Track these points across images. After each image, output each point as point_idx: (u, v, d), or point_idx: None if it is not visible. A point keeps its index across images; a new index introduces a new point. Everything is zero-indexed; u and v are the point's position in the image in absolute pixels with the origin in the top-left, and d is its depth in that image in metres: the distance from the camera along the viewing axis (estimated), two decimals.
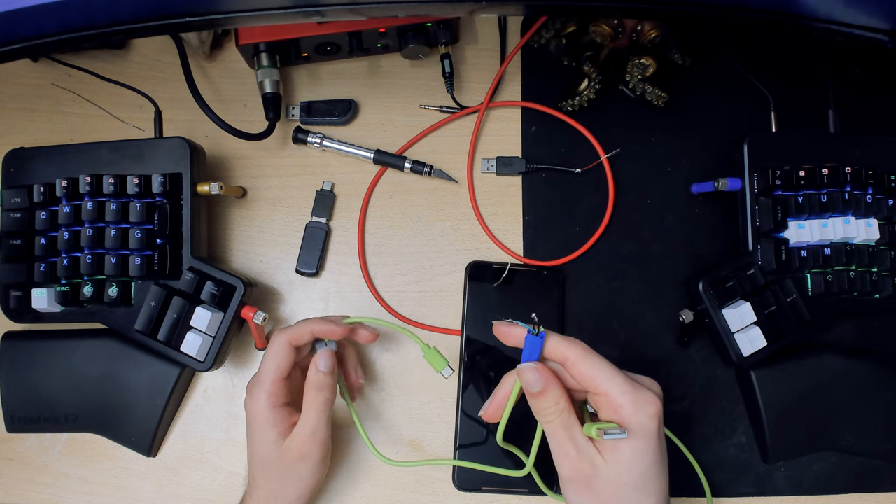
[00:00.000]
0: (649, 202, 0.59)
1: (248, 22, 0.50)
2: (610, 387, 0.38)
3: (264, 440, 0.47)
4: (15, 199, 0.55)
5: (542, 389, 0.39)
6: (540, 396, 0.39)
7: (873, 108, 0.60)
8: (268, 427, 0.46)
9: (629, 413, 0.38)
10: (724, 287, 0.52)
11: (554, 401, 0.39)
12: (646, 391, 0.38)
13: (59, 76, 0.62)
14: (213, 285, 0.52)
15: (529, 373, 0.39)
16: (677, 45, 0.58)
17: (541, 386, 0.39)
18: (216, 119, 0.55)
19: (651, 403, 0.38)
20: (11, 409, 0.56)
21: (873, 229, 0.53)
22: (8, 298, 0.55)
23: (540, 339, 0.39)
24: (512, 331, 0.41)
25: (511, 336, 0.41)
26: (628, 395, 0.38)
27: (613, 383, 0.38)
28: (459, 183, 0.60)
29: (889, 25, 0.43)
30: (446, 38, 0.58)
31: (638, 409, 0.38)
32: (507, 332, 0.41)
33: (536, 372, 0.39)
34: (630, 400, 0.38)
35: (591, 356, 0.39)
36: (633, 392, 0.38)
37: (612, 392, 0.38)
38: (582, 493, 0.39)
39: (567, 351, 0.39)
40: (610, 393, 0.38)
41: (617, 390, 0.38)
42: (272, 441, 0.46)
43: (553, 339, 0.40)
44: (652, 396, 0.38)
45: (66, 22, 0.44)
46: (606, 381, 0.38)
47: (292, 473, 0.47)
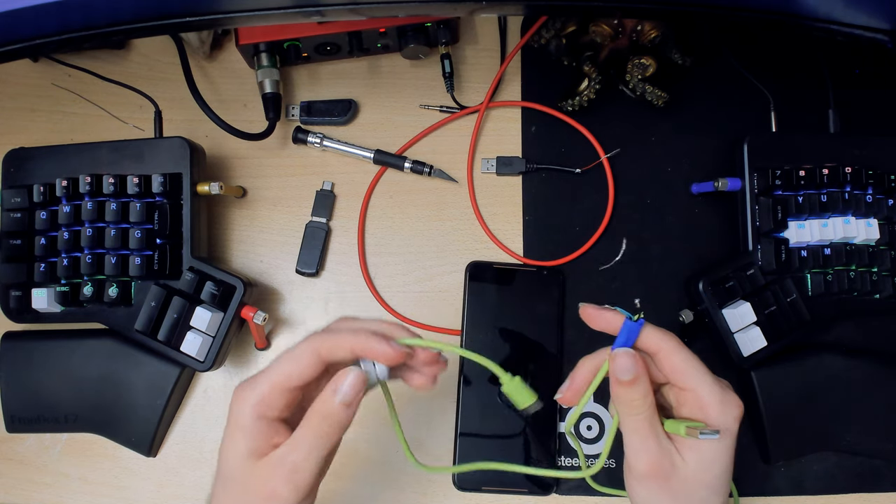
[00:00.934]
0: (649, 202, 0.59)
1: (248, 22, 0.50)
2: (699, 384, 0.37)
3: (233, 451, 0.37)
4: (15, 199, 0.55)
5: (634, 378, 0.36)
6: (630, 386, 0.37)
7: (873, 108, 0.60)
8: (242, 437, 0.36)
9: (716, 413, 0.36)
10: (724, 287, 0.52)
11: (643, 392, 0.37)
12: (731, 392, 0.37)
13: (59, 76, 0.62)
14: (213, 285, 0.52)
15: (625, 358, 0.37)
16: (677, 45, 0.58)
17: (633, 374, 0.36)
18: (216, 119, 0.55)
19: (737, 406, 0.37)
20: (11, 409, 0.56)
21: (873, 229, 0.53)
22: (8, 298, 0.55)
23: (638, 326, 0.37)
24: (603, 314, 0.39)
25: (600, 319, 0.39)
26: (716, 395, 0.37)
27: (703, 381, 0.37)
28: (459, 183, 0.60)
29: (889, 25, 0.43)
30: (446, 38, 0.58)
31: (724, 410, 0.37)
32: (596, 314, 0.39)
33: (632, 359, 0.37)
34: (718, 400, 0.37)
35: (684, 350, 0.38)
36: (721, 392, 0.37)
37: (700, 390, 0.37)
38: (656, 490, 0.38)
39: (661, 341, 0.37)
40: (698, 391, 0.37)
41: (706, 389, 0.37)
42: (241, 456, 0.36)
43: (649, 328, 0.38)
44: (737, 399, 0.37)
45: (66, 22, 0.44)
46: (696, 378, 0.37)
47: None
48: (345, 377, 0.36)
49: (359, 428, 0.56)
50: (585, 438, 0.55)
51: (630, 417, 0.38)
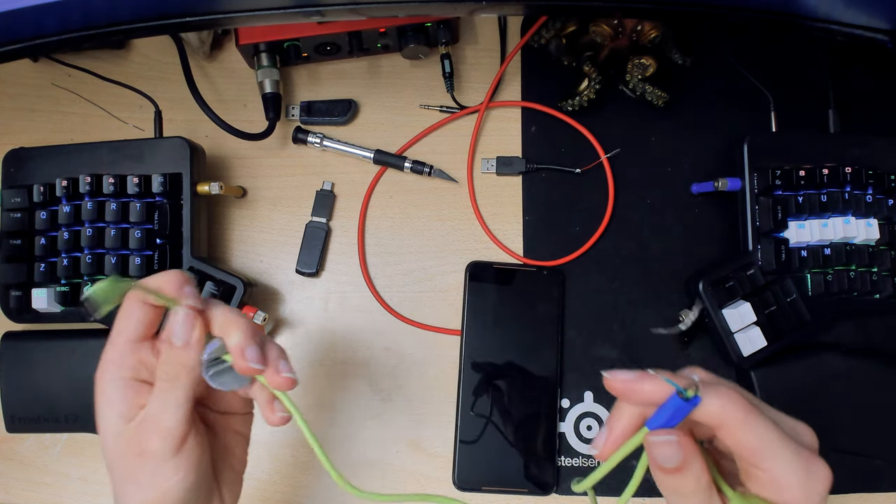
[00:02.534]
0: (649, 202, 0.59)
1: (248, 22, 0.50)
2: (777, 462, 0.29)
3: (104, 423, 0.35)
4: (15, 199, 0.55)
5: (681, 466, 0.29)
6: (677, 474, 0.29)
7: (873, 108, 0.60)
8: (107, 406, 0.35)
9: (798, 497, 0.29)
10: (724, 287, 0.52)
11: (695, 479, 0.29)
12: (817, 462, 0.29)
13: (59, 76, 0.62)
14: (213, 285, 0.52)
15: (667, 448, 0.29)
16: (677, 45, 0.58)
17: (679, 462, 0.29)
18: (216, 119, 0.55)
19: (822, 480, 0.29)
20: (11, 409, 0.56)
21: (873, 229, 0.53)
22: (8, 298, 0.55)
23: (691, 406, 0.29)
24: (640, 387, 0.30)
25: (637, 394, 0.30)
26: (799, 475, 0.29)
27: (781, 459, 0.29)
28: (459, 183, 0.60)
29: (889, 25, 0.43)
30: (446, 38, 0.58)
31: (810, 491, 0.29)
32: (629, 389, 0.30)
33: (677, 447, 0.29)
34: (801, 480, 0.29)
35: (754, 419, 0.29)
36: (805, 469, 0.29)
37: (779, 470, 0.29)
38: None
39: (723, 415, 0.29)
40: (776, 471, 0.29)
41: (786, 468, 0.29)
42: (112, 425, 0.34)
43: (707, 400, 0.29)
44: (823, 469, 0.29)
45: (66, 22, 0.44)
46: (772, 456, 0.29)
47: (135, 474, 0.35)
48: (174, 316, 0.34)
49: (357, 428, 0.56)
50: (585, 438, 0.55)
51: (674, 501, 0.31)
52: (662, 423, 0.29)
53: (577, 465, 0.55)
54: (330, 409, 0.57)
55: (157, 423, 0.34)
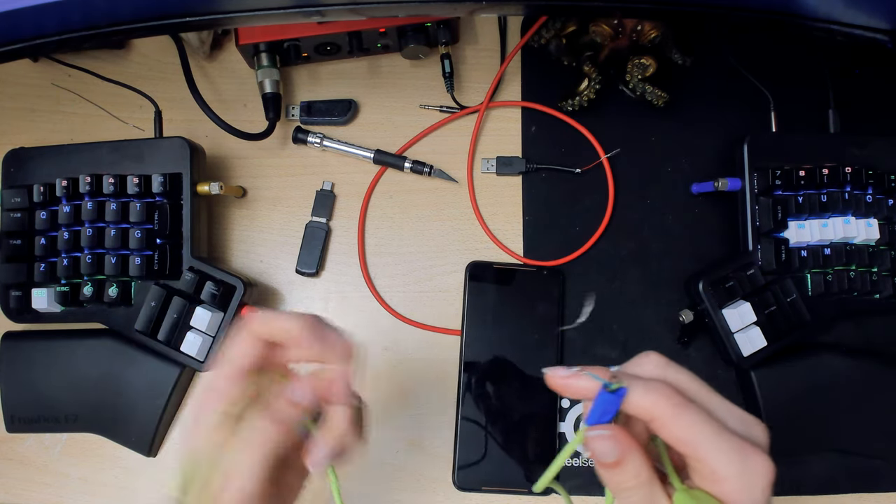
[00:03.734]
0: (649, 202, 0.59)
1: (248, 22, 0.50)
2: (711, 454, 0.28)
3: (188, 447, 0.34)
4: (15, 199, 0.55)
5: (619, 460, 0.29)
6: (615, 468, 0.29)
7: (873, 108, 0.60)
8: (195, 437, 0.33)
9: (735, 489, 0.28)
10: (724, 287, 0.52)
11: (634, 473, 0.29)
12: (756, 454, 0.29)
13: (59, 76, 0.62)
14: (213, 285, 0.52)
15: (602, 442, 0.29)
16: (677, 45, 0.58)
17: (616, 456, 0.29)
18: (216, 119, 0.55)
19: (763, 474, 0.29)
20: (11, 409, 0.56)
21: (873, 229, 0.53)
22: (8, 298, 0.55)
23: (619, 398, 0.29)
24: (574, 383, 0.31)
25: (572, 389, 0.31)
26: (735, 466, 0.28)
27: (716, 449, 0.28)
28: (459, 183, 0.60)
29: (889, 25, 0.43)
30: (446, 38, 0.58)
31: (747, 483, 0.28)
32: (565, 384, 0.31)
33: (612, 441, 0.29)
34: (738, 472, 0.28)
35: (685, 412, 0.29)
36: (742, 461, 0.28)
37: (714, 462, 0.28)
38: None
39: (654, 408, 0.29)
40: (711, 462, 0.28)
41: (721, 459, 0.28)
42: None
43: (635, 394, 0.29)
44: (763, 462, 0.29)
45: (66, 22, 0.44)
46: (707, 447, 0.28)
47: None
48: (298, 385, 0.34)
49: None
50: None
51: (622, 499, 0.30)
52: (597, 419, 0.30)
53: (577, 465, 0.55)
54: None
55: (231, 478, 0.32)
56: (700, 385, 0.31)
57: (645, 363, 0.32)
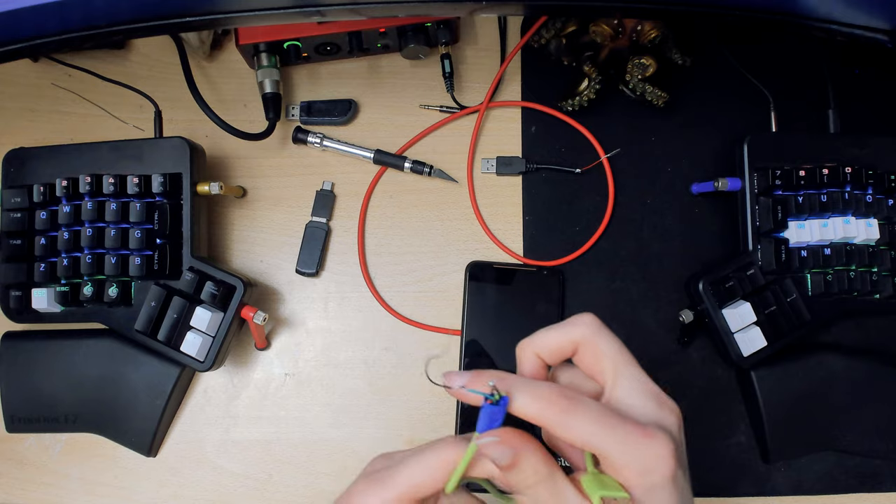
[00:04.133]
0: (649, 202, 0.59)
1: (248, 22, 0.50)
2: (606, 447, 0.29)
3: None
4: (15, 199, 0.55)
5: (514, 461, 0.29)
6: (513, 469, 0.29)
7: (873, 108, 0.60)
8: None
9: (634, 475, 0.29)
10: (724, 287, 0.52)
11: (532, 471, 0.29)
12: (651, 439, 0.29)
13: (59, 76, 0.62)
14: (213, 285, 0.52)
15: (493, 448, 0.29)
16: (677, 45, 0.58)
17: (510, 458, 0.29)
18: (216, 119, 0.55)
19: (661, 456, 0.29)
20: (11, 409, 0.56)
21: (873, 229, 0.53)
22: (8, 298, 0.55)
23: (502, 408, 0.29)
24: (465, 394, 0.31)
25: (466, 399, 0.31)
26: (631, 454, 0.29)
27: (610, 442, 0.29)
28: (459, 183, 0.60)
29: (889, 25, 0.43)
30: (446, 38, 0.58)
31: (645, 468, 0.29)
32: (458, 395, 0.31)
33: (502, 445, 0.29)
34: (633, 458, 0.29)
35: (572, 416, 0.29)
36: (636, 448, 0.29)
37: (610, 453, 0.29)
38: None
39: (540, 416, 0.29)
40: (607, 455, 0.29)
41: (616, 450, 0.29)
42: None
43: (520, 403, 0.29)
44: (659, 445, 0.29)
45: (66, 22, 0.44)
46: (599, 442, 0.29)
47: None
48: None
49: (357, 428, 0.56)
50: None
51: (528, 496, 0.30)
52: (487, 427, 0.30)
53: None
54: (330, 409, 0.57)
55: None
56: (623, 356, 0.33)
57: (578, 323, 0.34)
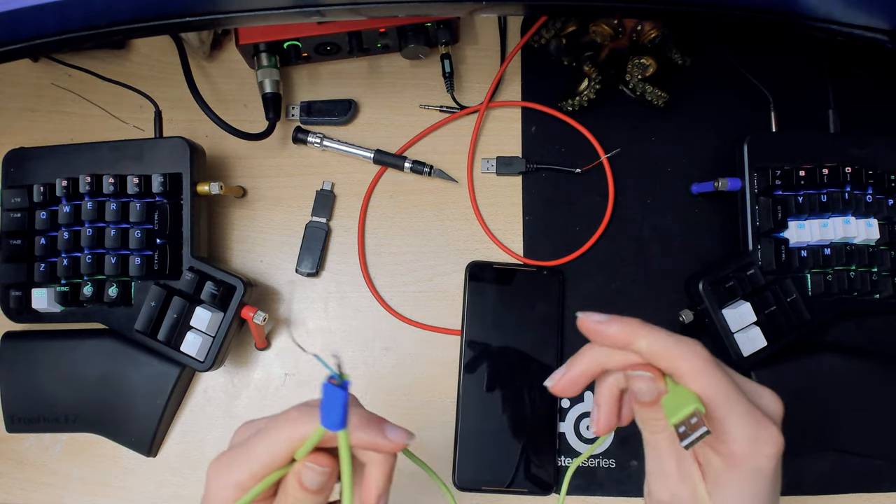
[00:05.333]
0: (649, 202, 0.59)
1: (248, 22, 0.50)
2: (727, 414, 0.30)
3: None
4: (15, 199, 0.55)
5: (656, 398, 0.31)
6: (651, 406, 0.32)
7: (873, 108, 0.60)
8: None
9: (744, 452, 0.30)
10: (724, 287, 0.52)
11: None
12: (768, 425, 0.31)
13: (59, 76, 0.62)
14: (213, 285, 0.52)
15: (643, 383, 0.31)
16: (677, 45, 0.58)
17: (654, 395, 0.31)
18: (216, 119, 0.55)
19: (772, 443, 0.31)
20: (11, 409, 0.56)
21: (873, 229, 0.53)
22: (8, 298, 0.55)
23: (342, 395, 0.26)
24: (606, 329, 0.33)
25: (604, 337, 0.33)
26: (747, 430, 0.30)
27: (732, 411, 0.30)
28: (459, 183, 0.60)
29: (889, 25, 0.43)
30: (446, 38, 0.58)
31: (756, 449, 0.30)
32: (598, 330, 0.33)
33: (651, 382, 0.31)
34: (748, 436, 0.30)
35: (712, 370, 0.31)
36: (754, 427, 0.30)
37: (728, 422, 0.30)
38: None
39: (681, 362, 0.31)
40: (725, 422, 0.30)
41: (735, 422, 0.30)
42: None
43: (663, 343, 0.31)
44: (774, 433, 0.31)
45: (66, 22, 0.44)
46: (724, 406, 0.30)
47: None
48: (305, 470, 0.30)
49: None
50: (585, 438, 0.55)
51: (651, 434, 0.33)
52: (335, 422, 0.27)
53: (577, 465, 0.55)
54: None
55: None
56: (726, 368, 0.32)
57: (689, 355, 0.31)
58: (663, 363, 0.31)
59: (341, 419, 0.27)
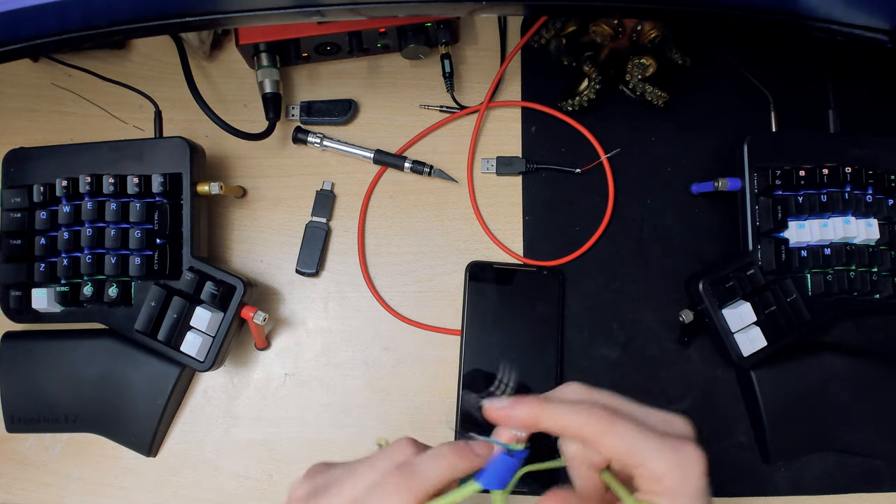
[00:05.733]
0: (649, 202, 0.59)
1: (248, 22, 0.50)
2: (647, 455, 0.30)
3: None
4: (15, 199, 0.55)
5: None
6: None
7: (873, 108, 0.60)
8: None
9: (677, 481, 0.30)
10: (724, 287, 0.52)
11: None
12: (685, 446, 0.31)
13: (59, 76, 0.62)
14: (213, 285, 0.52)
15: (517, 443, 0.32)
16: (677, 45, 0.58)
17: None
18: (216, 119, 0.55)
19: (695, 461, 0.31)
20: (11, 409, 0.56)
21: (873, 229, 0.53)
22: (8, 298, 0.55)
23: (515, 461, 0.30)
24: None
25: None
26: (670, 461, 0.30)
27: (650, 450, 0.30)
28: (459, 183, 0.60)
29: (889, 25, 0.43)
30: (446, 38, 0.58)
31: (685, 473, 0.30)
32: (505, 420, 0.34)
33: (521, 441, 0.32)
34: (674, 466, 0.30)
35: (615, 424, 0.31)
36: (675, 455, 0.31)
37: (651, 462, 0.30)
38: None
39: (584, 426, 0.31)
40: (648, 463, 0.30)
41: (656, 458, 0.30)
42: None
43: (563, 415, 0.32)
44: (692, 451, 0.31)
45: (66, 22, 0.44)
46: (641, 450, 0.31)
47: None
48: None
49: (357, 428, 0.56)
50: None
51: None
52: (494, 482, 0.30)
53: None
54: (330, 409, 0.57)
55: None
56: (621, 399, 0.33)
57: (567, 392, 0.34)
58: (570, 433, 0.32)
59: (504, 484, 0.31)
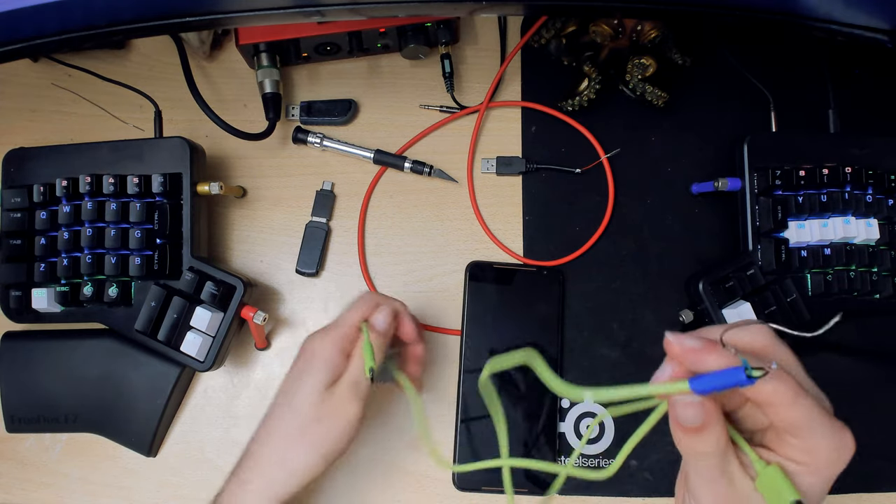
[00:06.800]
0: (649, 202, 0.59)
1: (248, 22, 0.50)
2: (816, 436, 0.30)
3: (310, 382, 0.43)
4: (15, 199, 0.55)
5: (702, 426, 0.30)
6: (697, 434, 0.30)
7: (873, 108, 0.60)
8: (323, 367, 0.43)
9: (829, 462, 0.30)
10: (724, 287, 0.52)
11: (714, 441, 0.30)
12: (846, 433, 0.31)
13: (59, 76, 0.62)
14: (213, 285, 0.52)
15: (689, 409, 0.30)
16: (677, 45, 0.58)
17: (700, 421, 0.30)
18: (216, 119, 0.55)
19: (850, 448, 0.31)
20: (11, 409, 0.56)
21: (873, 229, 0.53)
22: (8, 298, 0.55)
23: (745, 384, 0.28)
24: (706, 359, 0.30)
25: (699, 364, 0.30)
26: (832, 443, 0.30)
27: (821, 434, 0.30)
28: (459, 183, 0.60)
29: (889, 25, 0.43)
30: (446, 38, 0.58)
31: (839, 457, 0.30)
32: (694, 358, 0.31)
33: (700, 408, 0.29)
34: (832, 447, 0.30)
35: (801, 400, 0.30)
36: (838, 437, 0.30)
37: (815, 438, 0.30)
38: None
39: (773, 395, 0.30)
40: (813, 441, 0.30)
41: (822, 439, 0.30)
42: (318, 384, 0.43)
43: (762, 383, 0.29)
44: (850, 439, 0.31)
45: (66, 22, 0.44)
46: (814, 430, 0.30)
47: (312, 433, 0.42)
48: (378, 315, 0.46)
49: None
50: (588, 439, 0.55)
51: (697, 464, 0.31)
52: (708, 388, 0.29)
53: (578, 466, 0.55)
54: None
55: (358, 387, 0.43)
56: (797, 364, 0.33)
57: (755, 333, 0.32)
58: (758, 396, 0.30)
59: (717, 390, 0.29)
